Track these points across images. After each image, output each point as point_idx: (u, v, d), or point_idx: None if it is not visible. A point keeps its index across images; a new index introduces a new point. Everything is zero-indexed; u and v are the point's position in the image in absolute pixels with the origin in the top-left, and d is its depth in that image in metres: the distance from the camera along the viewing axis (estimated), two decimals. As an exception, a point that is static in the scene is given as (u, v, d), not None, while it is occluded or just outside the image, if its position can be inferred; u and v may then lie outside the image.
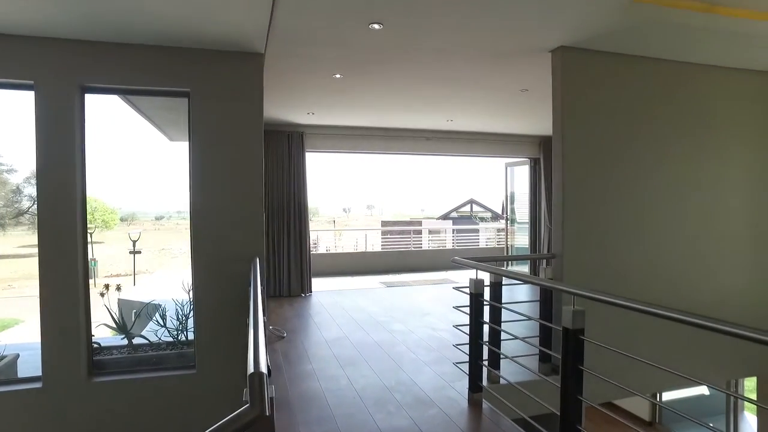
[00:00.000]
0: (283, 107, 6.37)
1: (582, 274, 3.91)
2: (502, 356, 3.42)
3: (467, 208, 44.84)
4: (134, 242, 19.28)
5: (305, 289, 7.56)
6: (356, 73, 4.73)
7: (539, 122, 7.54)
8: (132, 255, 19.80)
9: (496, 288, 3.64)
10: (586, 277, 3.93)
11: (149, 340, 3.99)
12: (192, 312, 3.87)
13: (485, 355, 3.49)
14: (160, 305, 4.45)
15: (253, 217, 3.86)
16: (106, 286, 3.99)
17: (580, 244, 3.93)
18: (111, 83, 3.64)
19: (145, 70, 3.63)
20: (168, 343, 4.12)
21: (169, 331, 4.08)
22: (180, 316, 4.15)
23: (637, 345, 3.87)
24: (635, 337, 3.57)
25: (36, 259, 3.51)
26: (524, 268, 9.44)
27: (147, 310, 4.92)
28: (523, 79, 5.00)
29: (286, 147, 7.51)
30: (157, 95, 3.87)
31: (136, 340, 3.98)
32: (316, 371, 4.08)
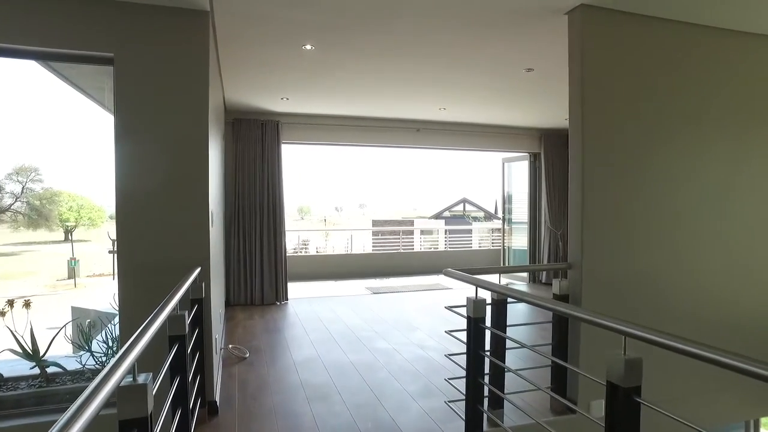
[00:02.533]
0: (252, 90, 5.58)
1: (605, 288, 3.16)
2: (506, 398, 2.66)
3: (460, 207, 44.22)
4: (113, 241, 18.37)
5: (280, 296, 6.76)
6: (329, 43, 3.95)
7: (543, 112, 6.79)
8: (111, 254, 18.93)
9: (500, 308, 2.89)
10: (611, 292, 3.17)
11: (65, 369, 3.19)
12: (119, 333, 3.08)
13: (485, 390, 2.73)
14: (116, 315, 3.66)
15: (197, 216, 3.07)
16: (10, 303, 3.17)
17: (603, 253, 3.17)
18: (13, 42, 2.83)
19: (56, 28, 2.83)
20: (94, 372, 3.31)
21: (93, 356, 3.28)
22: (109, 338, 3.35)
23: (681, 380, 3.14)
24: (678, 371, 2.84)
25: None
26: (522, 273, 8.70)
27: (102, 321, 4.13)
28: (529, 54, 4.24)
29: (260, 136, 6.70)
30: (75, 61, 3.06)
31: (52, 369, 3.18)
32: (276, 407, 3.30)
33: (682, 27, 3.33)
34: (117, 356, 1.23)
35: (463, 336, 2.82)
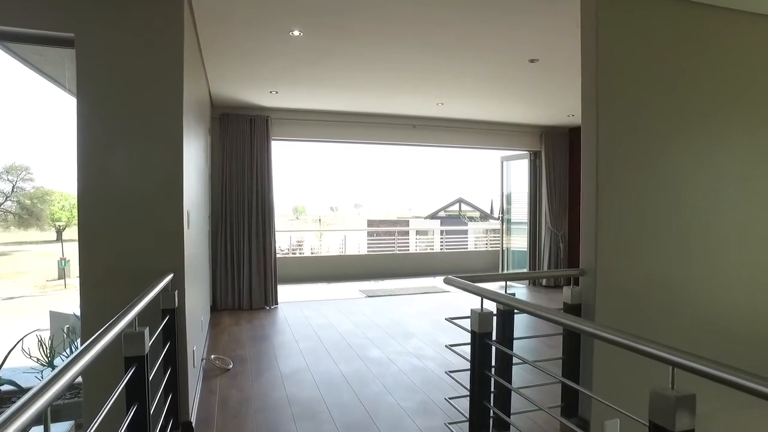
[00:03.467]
0: (239, 82, 5.26)
1: (620, 297, 2.87)
2: (513, 424, 2.36)
3: (455, 207, 44.03)
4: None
5: (269, 300, 6.44)
6: (317, 28, 3.64)
7: (545, 108, 6.50)
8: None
9: (506, 320, 2.59)
10: (626, 301, 2.88)
11: (20, 387, 2.87)
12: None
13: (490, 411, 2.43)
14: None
15: (170, 217, 2.75)
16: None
17: (618, 258, 2.88)
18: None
19: (9, 3, 2.51)
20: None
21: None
22: (69, 350, 3.03)
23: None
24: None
25: None
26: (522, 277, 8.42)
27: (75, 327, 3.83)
28: (533, 43, 3.95)
29: (248, 133, 6.38)
30: (32, 42, 2.73)
31: (6, 387, 2.86)
32: (258, 427, 2.99)
33: (705, 10, 3.04)
34: (16, 405, 0.91)
35: (465, 350, 2.51)
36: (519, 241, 8.71)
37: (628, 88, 2.88)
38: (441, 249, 14.64)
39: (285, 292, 7.28)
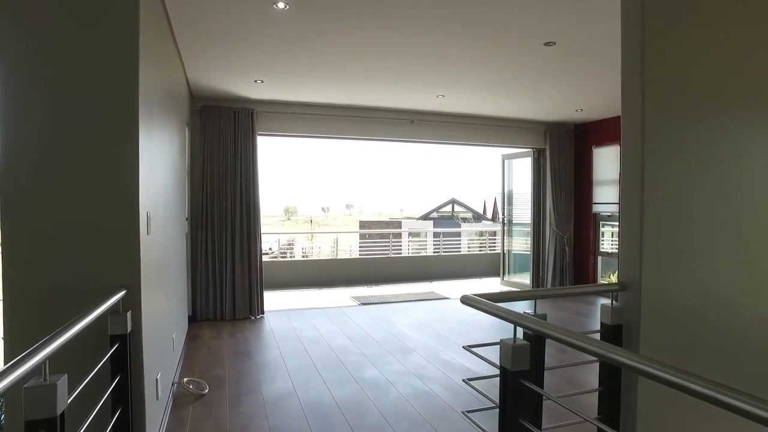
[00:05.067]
0: (220, 69, 4.73)
1: (670, 315, 2.38)
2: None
3: (448, 208, 43.66)
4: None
5: (254, 309, 5.91)
6: (305, 1, 3.13)
7: (553, 101, 6.03)
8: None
9: (537, 348, 2.09)
10: (677, 321, 2.39)
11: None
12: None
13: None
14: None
15: (122, 220, 2.23)
16: None
17: (667, 269, 2.39)
18: None
19: None
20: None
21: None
22: None
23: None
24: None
25: None
26: (524, 280, 7.96)
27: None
28: (551, 23, 3.48)
29: (232, 127, 5.85)
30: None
31: None
32: (233, 474, 2.47)
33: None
34: None
35: (487, 386, 2.02)
36: (521, 244, 8.24)
37: (680, 63, 2.40)
38: (435, 250, 14.18)
39: (272, 300, 6.75)
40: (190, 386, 3.57)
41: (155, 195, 2.80)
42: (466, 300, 2.04)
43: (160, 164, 3.04)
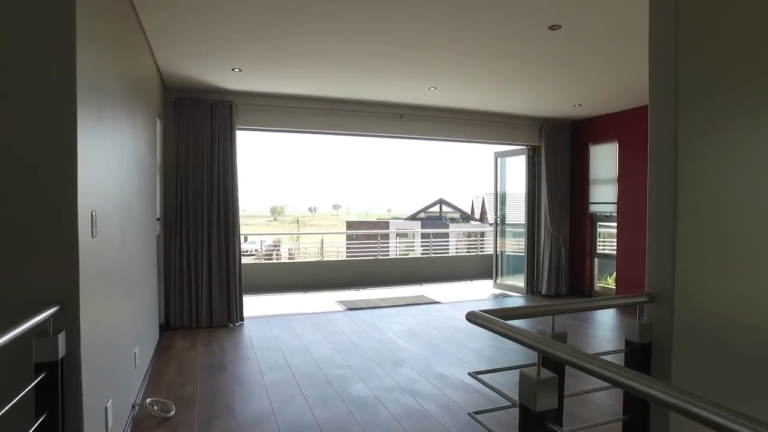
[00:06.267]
0: (194, 56, 4.32)
1: (706, 331, 2.05)
2: None
3: (436, 208, 43.45)
4: None
5: (233, 316, 5.50)
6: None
7: (551, 94, 5.71)
8: None
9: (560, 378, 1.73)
10: (715, 338, 2.07)
11: None
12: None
13: None
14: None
15: (56, 220, 1.84)
16: None
17: (707, 278, 2.06)
18: None
19: None
20: None
21: None
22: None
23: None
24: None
25: None
26: (518, 282, 7.65)
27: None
28: (556, 3, 3.14)
29: (209, 120, 5.43)
30: None
31: None
32: None
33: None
34: None
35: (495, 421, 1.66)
36: (514, 245, 7.93)
37: (720, 36, 2.06)
38: (423, 252, 13.86)
39: (253, 305, 6.35)
40: (155, 407, 3.16)
41: (107, 192, 2.40)
42: (473, 318, 1.68)
43: (115, 158, 2.64)
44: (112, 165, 2.51)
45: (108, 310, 2.42)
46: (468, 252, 14.12)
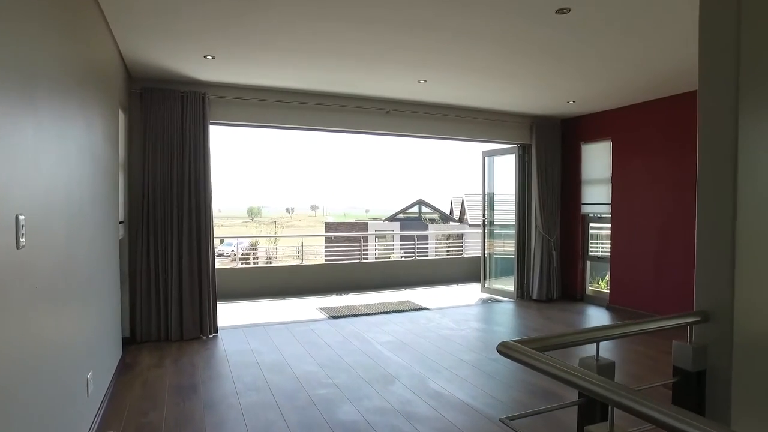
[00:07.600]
0: (161, 40, 3.87)
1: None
2: None
3: (415, 209, 43.21)
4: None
5: (206, 327, 5.04)
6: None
7: (546, 89, 5.41)
8: None
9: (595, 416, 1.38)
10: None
11: None
12: None
13: None
14: None
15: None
16: None
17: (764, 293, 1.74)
18: None
19: None
20: None
21: None
22: None
23: None
24: None
25: None
26: (507, 286, 7.35)
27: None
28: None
29: (179, 113, 4.96)
30: None
31: None
32: None
33: None
34: None
35: None
36: (503, 247, 7.64)
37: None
38: (405, 255, 13.54)
39: (228, 314, 5.89)
40: (110, 442, 2.72)
41: (43, 194, 1.96)
42: (507, 351, 1.33)
43: (60, 154, 2.21)
44: (50, 162, 2.07)
45: (40, 335, 1.98)
46: (448, 254, 13.87)
